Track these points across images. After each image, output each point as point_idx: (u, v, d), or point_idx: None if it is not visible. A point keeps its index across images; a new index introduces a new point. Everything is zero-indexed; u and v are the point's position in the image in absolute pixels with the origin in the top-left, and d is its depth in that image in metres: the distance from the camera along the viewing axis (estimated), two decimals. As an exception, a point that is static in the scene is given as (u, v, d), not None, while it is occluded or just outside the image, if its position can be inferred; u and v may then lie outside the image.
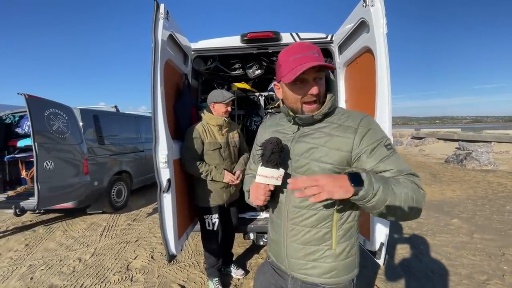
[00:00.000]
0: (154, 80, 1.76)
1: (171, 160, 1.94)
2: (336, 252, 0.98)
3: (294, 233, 1.01)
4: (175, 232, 1.94)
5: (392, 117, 1.67)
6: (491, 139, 11.97)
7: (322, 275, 0.99)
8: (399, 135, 18.84)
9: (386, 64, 1.63)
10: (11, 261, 3.27)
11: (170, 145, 1.96)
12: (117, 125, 5.61)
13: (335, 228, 0.97)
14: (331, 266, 0.98)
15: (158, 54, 1.77)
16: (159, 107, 1.81)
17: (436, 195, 5.64)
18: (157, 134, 1.83)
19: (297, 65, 0.88)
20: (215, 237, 2.37)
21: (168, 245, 1.92)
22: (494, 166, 8.09)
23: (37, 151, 3.49)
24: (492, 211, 4.51)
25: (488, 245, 3.26)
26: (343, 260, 1.00)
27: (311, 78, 0.91)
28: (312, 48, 0.92)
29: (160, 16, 1.79)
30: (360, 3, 1.80)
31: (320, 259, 0.99)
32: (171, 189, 1.89)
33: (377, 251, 1.81)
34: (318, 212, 0.97)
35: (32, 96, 3.60)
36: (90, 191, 4.42)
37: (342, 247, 0.99)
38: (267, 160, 0.90)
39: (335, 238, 0.98)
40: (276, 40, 2.65)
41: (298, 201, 0.98)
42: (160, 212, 1.87)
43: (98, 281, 2.76)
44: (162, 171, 1.86)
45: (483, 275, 2.63)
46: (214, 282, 2.48)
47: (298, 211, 0.99)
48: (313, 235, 0.98)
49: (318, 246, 0.98)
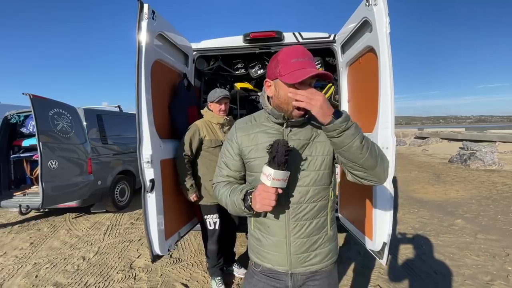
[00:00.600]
0: (138, 80, 1.76)
1: (156, 160, 1.94)
2: (331, 235, 1.09)
3: (298, 229, 1.03)
4: (160, 233, 1.93)
5: (395, 116, 1.66)
6: (496, 138, 11.87)
7: (323, 260, 1.07)
8: (402, 135, 18.72)
9: (389, 64, 1.62)
10: (16, 259, 3.31)
11: (157, 145, 1.96)
12: (120, 125, 5.65)
13: (330, 214, 1.08)
14: (328, 249, 1.08)
15: (142, 54, 1.78)
16: (143, 107, 1.81)
17: (439, 195, 5.60)
18: (141, 134, 1.83)
19: (300, 68, 0.92)
20: (217, 236, 2.38)
21: (152, 245, 1.92)
22: (498, 166, 8.02)
23: (42, 150, 3.53)
24: (496, 211, 4.47)
25: (492, 246, 3.24)
26: (335, 241, 1.12)
27: (307, 82, 0.95)
28: (309, 55, 0.97)
29: (144, 16, 1.79)
30: (363, 2, 1.79)
31: (320, 246, 1.06)
32: (156, 189, 1.89)
33: (379, 251, 1.81)
34: (317, 203, 1.03)
35: (36, 96, 3.64)
36: (93, 190, 4.46)
37: (333, 229, 1.11)
38: (280, 162, 0.88)
39: (330, 222, 1.08)
40: (279, 39, 2.65)
41: (299, 197, 1.01)
42: (144, 212, 1.87)
43: (101, 280, 2.79)
44: (146, 171, 1.86)
45: (487, 276, 2.62)
46: (217, 281, 2.49)
47: (300, 206, 1.02)
48: (315, 225, 1.04)
49: (319, 234, 1.06)
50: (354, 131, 0.89)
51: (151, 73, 1.92)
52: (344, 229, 2.46)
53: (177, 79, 2.50)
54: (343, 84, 2.55)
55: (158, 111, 2.03)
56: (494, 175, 7.19)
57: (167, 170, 2.11)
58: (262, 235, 1.09)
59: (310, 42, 2.67)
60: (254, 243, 1.13)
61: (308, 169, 1.01)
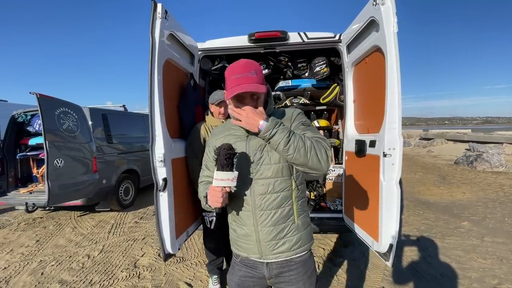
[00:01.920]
0: (151, 79, 1.77)
1: (168, 159, 1.94)
2: (299, 224, 1.16)
3: (264, 218, 1.13)
4: (171, 231, 1.94)
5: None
6: (503, 140, 11.67)
7: (292, 248, 1.14)
8: (407, 136, 18.57)
9: (397, 64, 1.61)
10: (22, 257, 3.35)
11: (169, 144, 1.96)
12: (125, 124, 5.69)
13: (295, 204, 1.15)
14: (297, 238, 1.15)
15: (155, 53, 1.79)
16: (156, 106, 1.82)
17: (445, 197, 5.54)
18: (154, 133, 1.84)
19: (236, 85, 1.04)
20: (213, 235, 2.40)
21: (164, 244, 1.93)
22: (506, 168, 7.90)
23: (48, 149, 3.56)
24: (503, 214, 4.40)
25: (499, 249, 3.19)
26: (304, 230, 1.18)
27: (248, 96, 1.07)
28: (251, 68, 1.07)
29: (157, 15, 1.80)
30: (370, 1, 1.78)
31: (287, 235, 1.14)
32: (168, 188, 1.90)
33: (386, 252, 1.79)
34: (280, 194, 1.12)
35: (43, 95, 3.67)
36: (98, 189, 4.49)
37: (302, 219, 1.18)
38: (222, 164, 1.00)
39: (296, 212, 1.15)
40: (284, 39, 2.64)
41: (262, 189, 1.12)
42: (156, 211, 1.88)
43: (106, 278, 2.80)
44: (159, 169, 1.87)
45: (494, 279, 2.58)
46: (213, 279, 2.51)
47: (263, 197, 1.12)
48: (279, 214, 1.13)
49: (285, 223, 1.14)
50: (278, 137, 1.01)
51: (162, 72, 1.93)
52: (348, 229, 2.44)
53: (185, 79, 2.51)
54: (349, 84, 2.53)
55: (167, 110, 2.04)
56: (501, 177, 7.08)
57: (177, 169, 2.12)
58: (237, 226, 1.20)
59: (315, 42, 2.65)
60: (232, 234, 1.25)
61: (269, 163, 1.12)
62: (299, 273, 1.16)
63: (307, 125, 1.17)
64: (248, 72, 1.06)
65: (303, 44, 2.67)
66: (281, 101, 3.66)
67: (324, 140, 1.09)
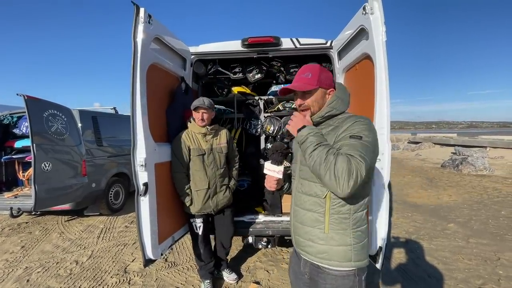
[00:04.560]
0: (133, 84, 1.77)
1: (151, 163, 1.93)
2: (328, 236, 1.13)
3: (296, 214, 1.25)
4: (153, 237, 1.92)
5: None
6: (487, 144, 12.11)
7: (316, 254, 1.16)
8: (396, 140, 18.99)
9: (385, 71, 1.66)
10: (6, 263, 3.24)
11: (152, 148, 1.96)
12: (116, 127, 5.60)
13: (327, 215, 1.14)
14: (323, 248, 1.14)
15: (137, 57, 1.79)
16: (138, 110, 1.81)
17: (432, 200, 5.68)
18: (136, 137, 1.83)
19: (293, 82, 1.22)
20: (201, 240, 2.39)
21: (145, 249, 1.90)
22: (489, 171, 8.18)
23: (35, 152, 3.47)
24: (487, 216, 4.56)
25: (484, 250, 3.30)
26: (334, 246, 1.13)
27: (299, 93, 1.21)
28: (306, 71, 1.21)
29: (140, 20, 1.81)
30: (360, 10, 1.84)
31: (313, 239, 1.17)
32: (150, 193, 1.89)
33: (375, 255, 1.83)
34: (311, 198, 1.17)
35: (31, 97, 3.59)
36: (87, 192, 4.40)
37: (334, 233, 1.13)
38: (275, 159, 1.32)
39: (327, 222, 1.14)
40: (277, 45, 2.69)
41: (300, 188, 1.22)
42: (137, 216, 1.86)
43: (95, 284, 2.74)
44: (140, 174, 1.86)
45: (479, 280, 2.66)
46: (205, 284, 2.50)
47: (300, 196, 1.22)
48: (308, 217, 1.18)
49: (312, 228, 1.17)
50: (304, 146, 1.12)
51: (147, 76, 1.93)
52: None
53: (174, 83, 2.50)
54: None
55: (153, 114, 2.03)
56: (485, 180, 7.33)
57: (162, 173, 2.10)
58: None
59: (307, 48, 2.70)
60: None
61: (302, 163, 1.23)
62: (327, 285, 1.13)
63: (356, 138, 1.05)
64: (303, 73, 1.21)
65: (295, 49, 2.72)
66: (273, 105, 3.69)
67: (360, 161, 0.98)
